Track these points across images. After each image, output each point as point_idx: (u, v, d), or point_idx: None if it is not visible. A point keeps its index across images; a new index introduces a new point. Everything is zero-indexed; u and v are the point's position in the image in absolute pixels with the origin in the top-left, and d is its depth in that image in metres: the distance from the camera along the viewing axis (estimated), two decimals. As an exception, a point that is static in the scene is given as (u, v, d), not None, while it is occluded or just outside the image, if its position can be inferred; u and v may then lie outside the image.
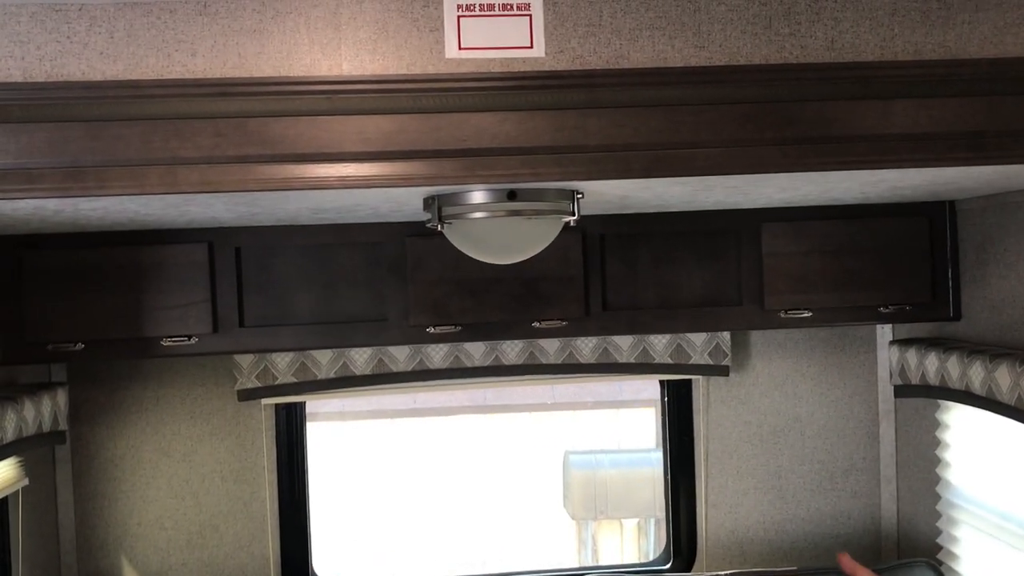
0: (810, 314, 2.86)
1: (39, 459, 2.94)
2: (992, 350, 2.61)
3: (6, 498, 2.72)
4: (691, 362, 3.17)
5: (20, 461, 2.72)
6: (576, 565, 3.27)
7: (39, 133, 1.69)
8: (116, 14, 1.73)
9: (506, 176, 1.78)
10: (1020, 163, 1.87)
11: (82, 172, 1.70)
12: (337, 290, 2.78)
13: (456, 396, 5.13)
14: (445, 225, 2.07)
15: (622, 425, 6.62)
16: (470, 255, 2.18)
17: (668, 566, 3.39)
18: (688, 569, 3.35)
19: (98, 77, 1.72)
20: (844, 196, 2.56)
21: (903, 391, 3.05)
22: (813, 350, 3.36)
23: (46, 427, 2.69)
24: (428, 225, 2.09)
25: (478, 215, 2.01)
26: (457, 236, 2.10)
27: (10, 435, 2.45)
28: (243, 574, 3.20)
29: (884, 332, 3.31)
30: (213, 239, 2.71)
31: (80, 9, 1.72)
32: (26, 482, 2.75)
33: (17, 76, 1.70)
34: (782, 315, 2.86)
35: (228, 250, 2.72)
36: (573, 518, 6.67)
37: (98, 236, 2.66)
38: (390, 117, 1.75)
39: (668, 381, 3.37)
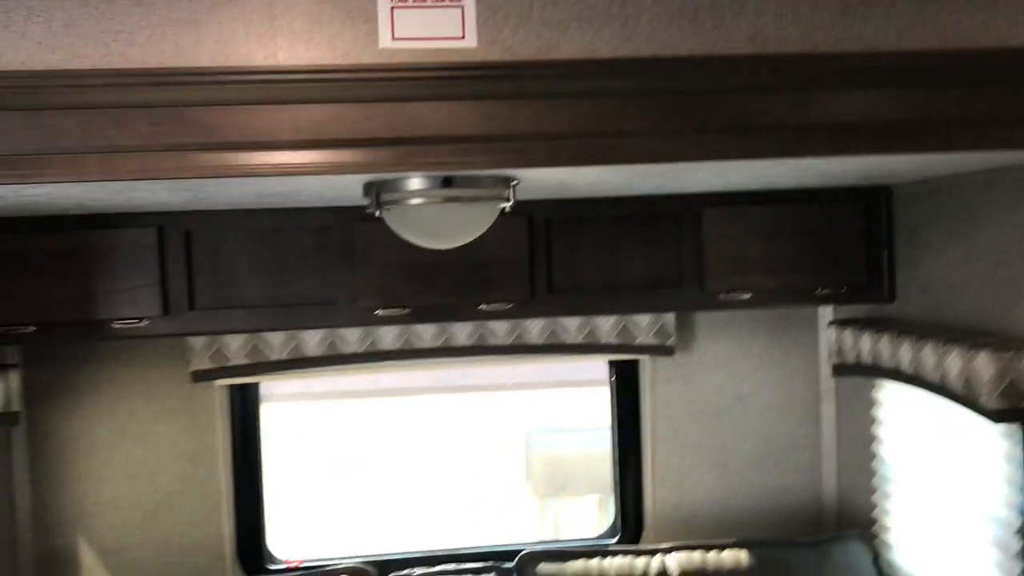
0: (748, 296, 2.94)
1: (-7, 441, 2.98)
2: (921, 330, 2.71)
3: (-41, 479, 2.76)
4: (636, 342, 3.25)
5: (-28, 442, 2.76)
6: (537, 540, 3.36)
7: (-23, 121, 1.73)
8: (54, 4, 1.76)
9: (437, 164, 1.83)
10: (932, 152, 1.95)
11: (20, 160, 1.74)
12: (286, 273, 2.83)
13: (415, 377, 5.19)
14: (384, 211, 2.12)
15: (582, 404, 6.71)
16: (409, 240, 2.24)
17: (615, 540, 3.48)
18: (635, 543, 3.44)
19: (37, 66, 1.75)
20: (780, 182, 2.64)
21: (840, 370, 3.15)
22: (757, 331, 3.45)
23: (-1, 408, 2.72)
24: (367, 211, 2.15)
25: (415, 201, 2.06)
26: (396, 221, 2.15)
27: (-39, 416, 2.49)
28: (198, 552, 3.25)
29: (826, 313, 3.41)
30: (163, 223, 2.74)
31: (18, -1, 1.75)
32: (-21, 462, 2.79)
33: (-44, 65, 1.73)
34: (721, 297, 2.94)
35: (178, 234, 2.76)
36: (535, 495, 6.77)
37: (48, 220, 2.68)
38: (324, 106, 1.79)
39: (615, 361, 3.45)
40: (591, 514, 6.68)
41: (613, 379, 3.48)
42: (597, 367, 3.64)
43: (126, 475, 3.22)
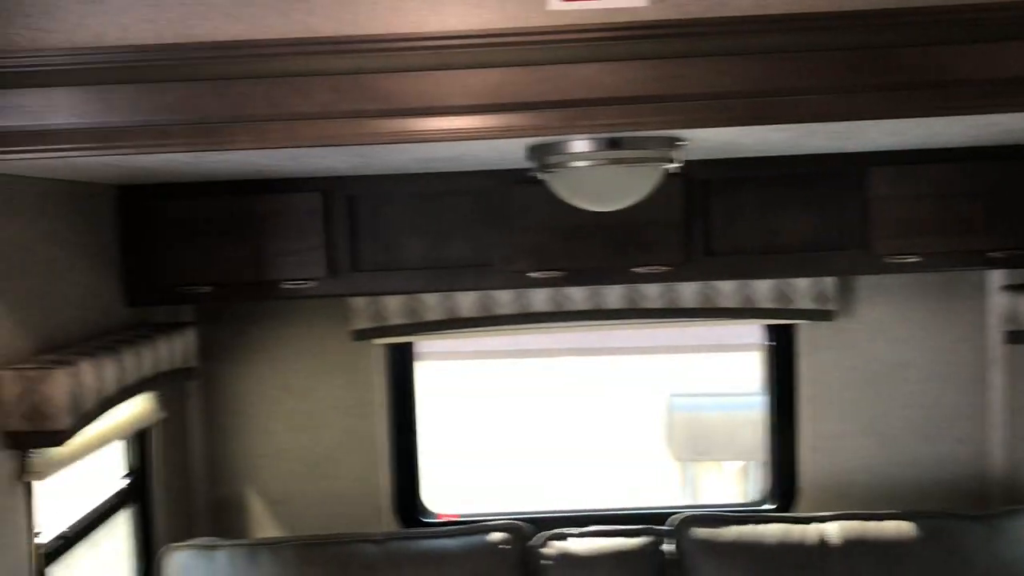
0: (917, 259, 2.82)
1: (173, 394, 3.17)
2: (1110, 296, 2.54)
3: (147, 429, 2.95)
4: (794, 307, 3.18)
5: (157, 395, 2.94)
6: (678, 504, 3.36)
7: (170, 92, 1.82)
8: (238, -24, 1.83)
9: (607, 126, 1.82)
10: None
11: (210, 128, 1.83)
12: (445, 236, 2.88)
13: (559, 338, 5.22)
14: (548, 173, 2.13)
15: (725, 368, 6.63)
16: (572, 203, 2.24)
17: (768, 507, 3.43)
18: (788, 511, 3.38)
19: (223, 37, 1.83)
20: (954, 139, 2.51)
21: (1013, 337, 2.99)
22: (919, 295, 3.31)
23: (178, 364, 2.89)
24: (531, 174, 2.16)
25: (580, 163, 2.06)
26: (560, 184, 2.15)
27: (148, 371, 2.65)
28: (358, 504, 3.39)
29: (995, 278, 3.24)
30: (328, 188, 2.83)
31: (205, -27, 1.83)
32: (164, 415, 2.97)
33: (150, 39, 1.83)
34: (888, 260, 2.83)
35: (342, 198, 2.85)
36: (676, 459, 6.73)
37: (222, 185, 2.81)
38: (495, 70, 1.81)
39: (771, 325, 3.37)
40: (732, 480, 6.61)
41: (769, 343, 3.41)
42: (744, 331, 3.57)
43: (291, 429, 3.38)
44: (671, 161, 2.10)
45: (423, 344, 3.52)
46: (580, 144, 2.04)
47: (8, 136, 1.82)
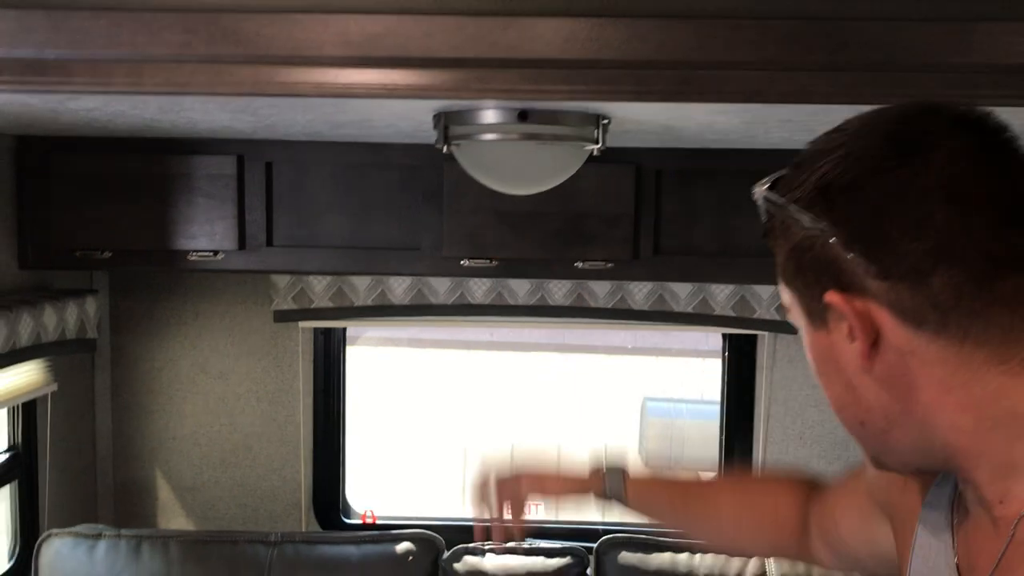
0: (887, 273, 2.54)
1: (77, 366, 2.93)
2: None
3: (35, 402, 2.71)
4: (755, 316, 2.90)
5: (48, 366, 2.70)
6: (620, 522, 3.07)
7: (2, 20, 1.56)
8: None
9: (502, 92, 1.56)
10: None
11: (44, 65, 1.57)
12: (370, 214, 2.62)
13: (535, 333, 4.96)
14: (453, 147, 1.86)
15: (703, 374, 6.36)
16: (483, 183, 1.98)
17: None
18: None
19: (70, -39, 1.57)
20: None
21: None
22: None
23: (70, 334, 2.64)
24: (436, 146, 1.89)
25: (487, 137, 1.79)
26: (467, 160, 1.89)
27: (25, 340, 2.41)
28: (274, 496, 3.15)
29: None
30: (244, 152, 2.57)
31: None
32: (54, 388, 2.73)
33: (-14, -43, 1.57)
34: (857, 271, 2.54)
35: (258, 164, 2.58)
36: (646, 465, 6.49)
37: (128, 142, 2.55)
38: (377, 17, 1.54)
39: (730, 334, 3.10)
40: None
41: (726, 353, 3.14)
42: (715, 337, 3.30)
43: (206, 412, 3.13)
44: (594, 142, 1.83)
45: (357, 328, 3.27)
46: (487, 115, 1.77)
47: None
